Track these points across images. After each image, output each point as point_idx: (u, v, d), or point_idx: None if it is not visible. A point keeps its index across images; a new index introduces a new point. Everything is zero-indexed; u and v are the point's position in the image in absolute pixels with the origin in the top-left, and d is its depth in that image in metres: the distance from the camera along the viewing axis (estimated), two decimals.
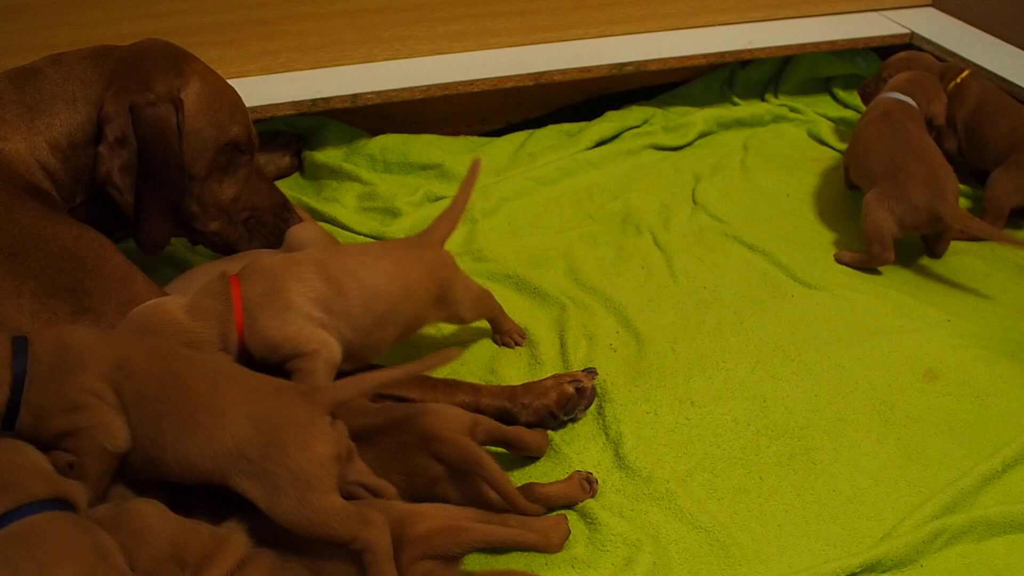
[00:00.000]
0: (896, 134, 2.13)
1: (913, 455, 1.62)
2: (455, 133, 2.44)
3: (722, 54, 2.53)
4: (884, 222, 2.03)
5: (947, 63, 2.38)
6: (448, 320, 1.71)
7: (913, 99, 2.22)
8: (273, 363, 1.44)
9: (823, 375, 1.77)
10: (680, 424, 1.65)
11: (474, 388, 1.63)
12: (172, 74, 1.64)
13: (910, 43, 2.72)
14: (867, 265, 2.08)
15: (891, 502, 1.53)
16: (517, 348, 1.81)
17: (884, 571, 1.41)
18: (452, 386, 1.62)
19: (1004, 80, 2.46)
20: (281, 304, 1.45)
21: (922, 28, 2.72)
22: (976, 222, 2.02)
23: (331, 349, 1.46)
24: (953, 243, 2.14)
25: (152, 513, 1.22)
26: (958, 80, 2.30)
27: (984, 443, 1.64)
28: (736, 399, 1.71)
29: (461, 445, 1.38)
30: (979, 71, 2.51)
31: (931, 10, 2.85)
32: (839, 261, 2.10)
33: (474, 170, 1.71)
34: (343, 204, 2.16)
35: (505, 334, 1.81)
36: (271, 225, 1.79)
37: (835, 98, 2.75)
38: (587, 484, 1.49)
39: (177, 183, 1.64)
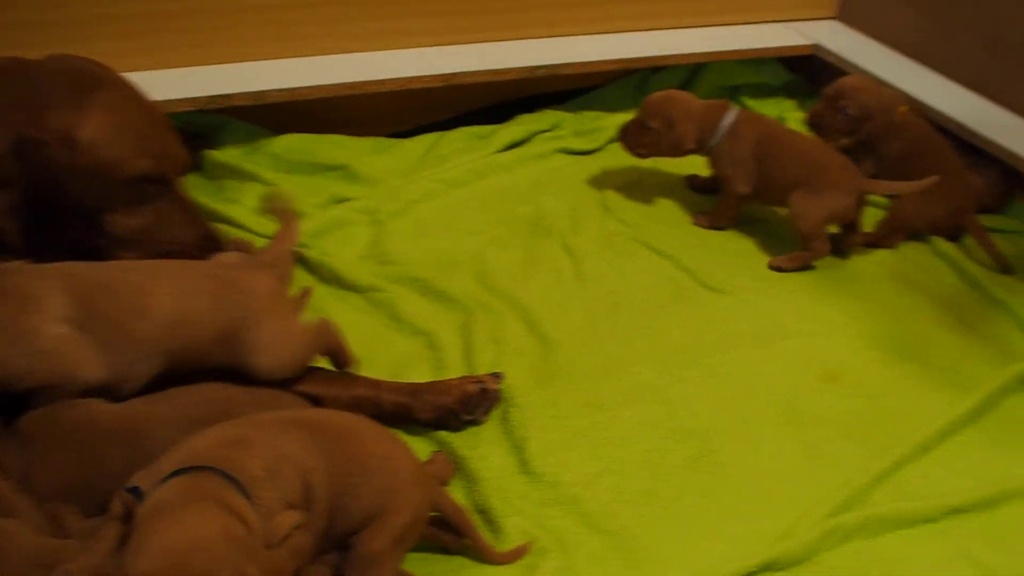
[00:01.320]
0: (795, 136, 2.20)
1: (813, 455, 1.65)
2: (364, 134, 2.41)
3: (633, 60, 2.56)
4: (818, 217, 2.10)
5: (890, 93, 2.40)
6: (241, 368, 1.48)
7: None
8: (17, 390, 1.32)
9: (728, 378, 1.79)
10: (586, 428, 1.66)
11: (374, 383, 1.61)
12: (70, 107, 1.48)
13: (813, 55, 2.78)
14: (807, 263, 2.13)
15: (791, 501, 1.56)
16: (423, 353, 1.79)
17: (781, 569, 1.44)
18: (351, 380, 1.60)
19: (905, 94, 2.52)
20: (21, 326, 1.31)
21: (826, 40, 2.77)
22: (889, 185, 2.16)
23: (79, 372, 1.34)
24: (853, 254, 2.21)
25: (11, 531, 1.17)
26: (902, 110, 2.34)
27: (878, 442, 1.68)
28: (643, 402, 1.72)
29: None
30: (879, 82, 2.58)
31: (835, 23, 2.92)
32: (779, 269, 2.13)
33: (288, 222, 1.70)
34: (243, 205, 2.12)
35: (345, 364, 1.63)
36: (194, 258, 1.67)
37: (744, 106, 2.78)
38: None
39: (73, 223, 1.52)
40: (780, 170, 2.15)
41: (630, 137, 2.23)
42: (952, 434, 1.72)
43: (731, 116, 2.18)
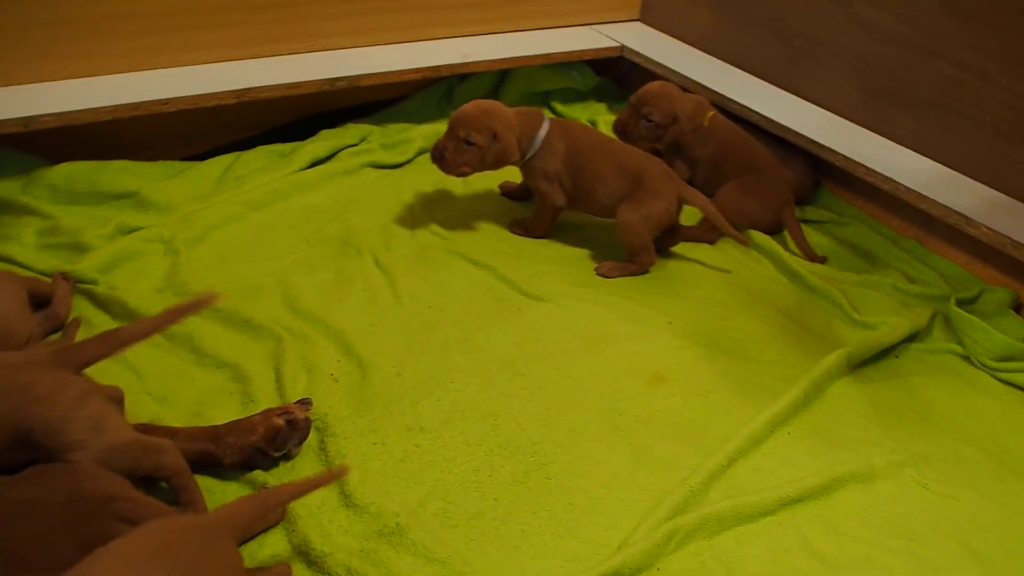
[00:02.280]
0: (612, 145, 2.16)
1: (644, 459, 1.60)
2: (154, 158, 2.25)
3: (437, 68, 2.48)
4: (646, 229, 2.07)
5: (696, 99, 2.40)
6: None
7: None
8: None
9: (553, 387, 1.73)
10: (409, 452, 1.56)
11: (170, 431, 1.47)
12: None
13: (621, 56, 2.78)
14: (635, 274, 2.10)
15: (626, 509, 1.51)
16: (228, 387, 1.65)
17: None
18: (145, 430, 1.45)
19: (708, 89, 2.55)
20: None
21: (631, 42, 2.79)
22: (706, 203, 2.12)
23: None
24: (670, 253, 2.20)
25: None
26: (710, 115, 2.34)
27: (709, 440, 1.65)
28: (467, 420, 1.64)
29: (145, 501, 1.23)
30: (685, 82, 2.60)
31: (639, 24, 2.94)
32: (606, 276, 2.09)
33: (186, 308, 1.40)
34: (20, 242, 1.93)
35: (186, 506, 1.39)
36: None
37: (554, 111, 2.76)
38: None
39: None
40: (600, 184, 2.10)
41: (449, 155, 2.07)
42: (780, 425, 1.71)
43: (544, 128, 2.12)
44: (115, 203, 2.07)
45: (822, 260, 2.24)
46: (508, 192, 2.34)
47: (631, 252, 2.09)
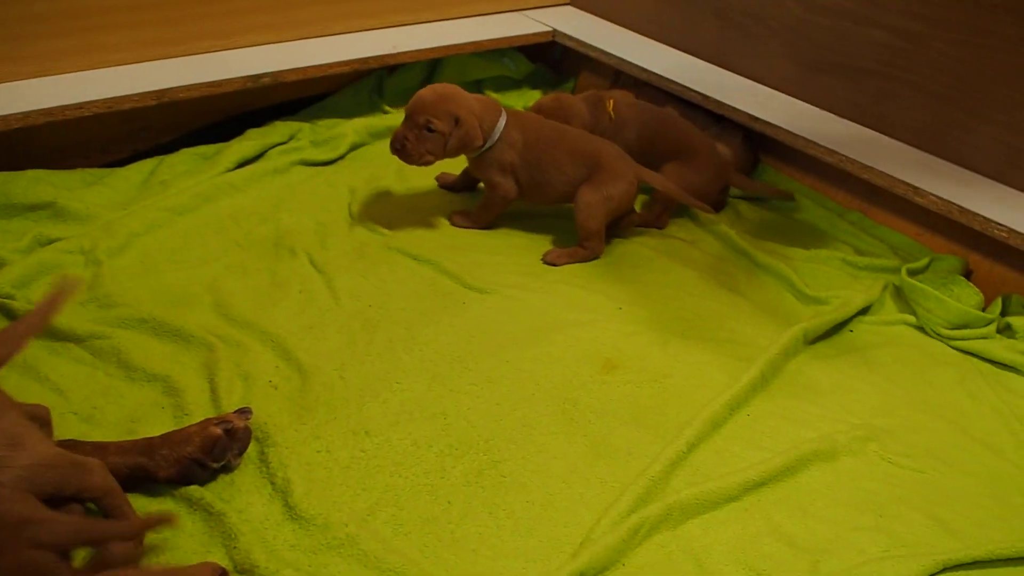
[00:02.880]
0: (565, 132, 2.10)
1: (602, 450, 1.55)
2: (72, 167, 2.14)
3: (366, 60, 2.40)
4: (604, 213, 2.03)
5: (590, 94, 2.34)
6: None
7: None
8: None
9: (503, 381, 1.66)
10: (356, 458, 1.49)
11: (99, 446, 1.38)
12: None
13: (553, 40, 2.72)
14: (583, 260, 2.05)
15: (586, 503, 1.45)
16: (160, 400, 1.56)
17: None
18: (72, 447, 1.35)
19: (644, 69, 2.50)
20: None
21: (563, 25, 2.73)
22: (662, 180, 2.10)
23: None
24: (616, 237, 2.15)
25: None
26: (611, 103, 2.28)
27: (668, 426, 1.60)
28: (415, 421, 1.56)
29: (64, 522, 1.13)
30: (620, 64, 2.55)
31: (570, 8, 2.89)
32: (554, 263, 2.03)
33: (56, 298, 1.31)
34: None
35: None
36: None
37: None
38: None
39: None
40: (559, 172, 2.05)
41: (411, 145, 1.99)
42: (740, 407, 1.66)
43: (503, 119, 2.05)
44: (31, 215, 1.96)
45: (789, 196, 2.26)
46: (446, 184, 2.27)
47: (585, 236, 2.04)
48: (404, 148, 1.99)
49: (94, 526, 1.19)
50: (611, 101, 2.27)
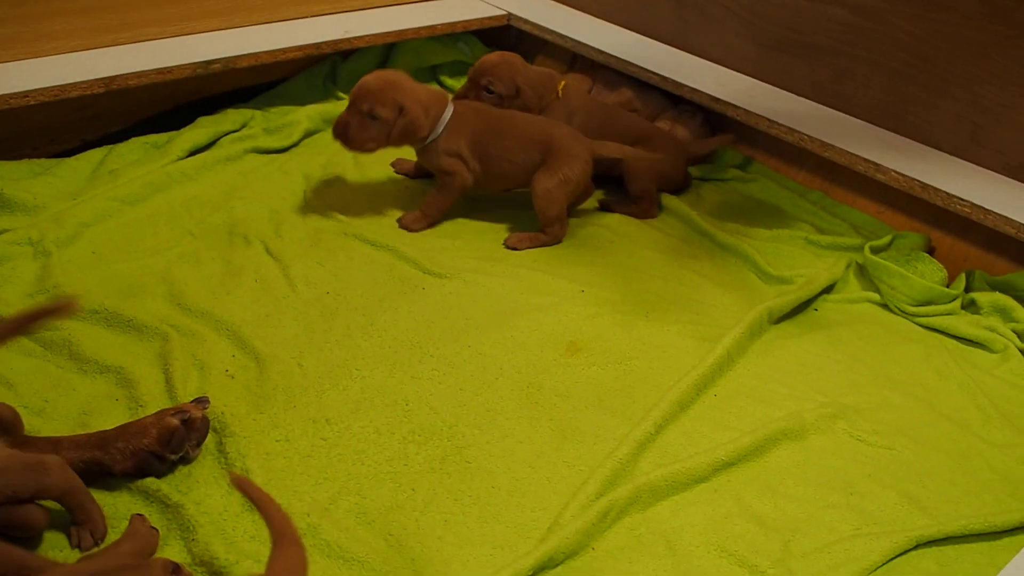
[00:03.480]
0: (515, 118, 2.06)
1: (568, 433, 1.52)
2: (19, 157, 2.08)
3: (319, 45, 2.35)
4: (563, 196, 2.00)
5: (542, 70, 2.28)
6: None
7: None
8: None
9: (465, 366, 1.63)
10: (316, 447, 1.45)
11: (52, 441, 1.33)
12: None
13: (508, 24, 2.69)
14: (547, 244, 2.02)
15: (553, 487, 1.42)
16: (113, 392, 1.51)
17: (557, 564, 1.30)
18: (24, 443, 1.31)
19: (601, 52, 2.48)
20: None
21: (518, 9, 2.70)
22: (618, 148, 2.06)
23: None
24: (578, 218, 2.12)
25: None
26: (562, 84, 2.23)
27: (634, 409, 1.58)
28: (376, 408, 1.53)
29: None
30: (577, 47, 2.52)
31: None
32: (516, 248, 2.00)
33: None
34: None
35: (82, 525, 1.27)
36: None
37: (443, 85, 2.65)
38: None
39: None
40: (510, 162, 2.01)
41: (353, 130, 1.93)
42: (706, 387, 1.65)
43: (449, 110, 2.00)
44: None
45: (731, 140, 2.34)
46: (403, 171, 2.23)
47: (547, 222, 2.01)
48: (346, 134, 1.94)
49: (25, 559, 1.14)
50: (563, 82, 2.24)
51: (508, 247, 2.00)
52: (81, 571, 1.12)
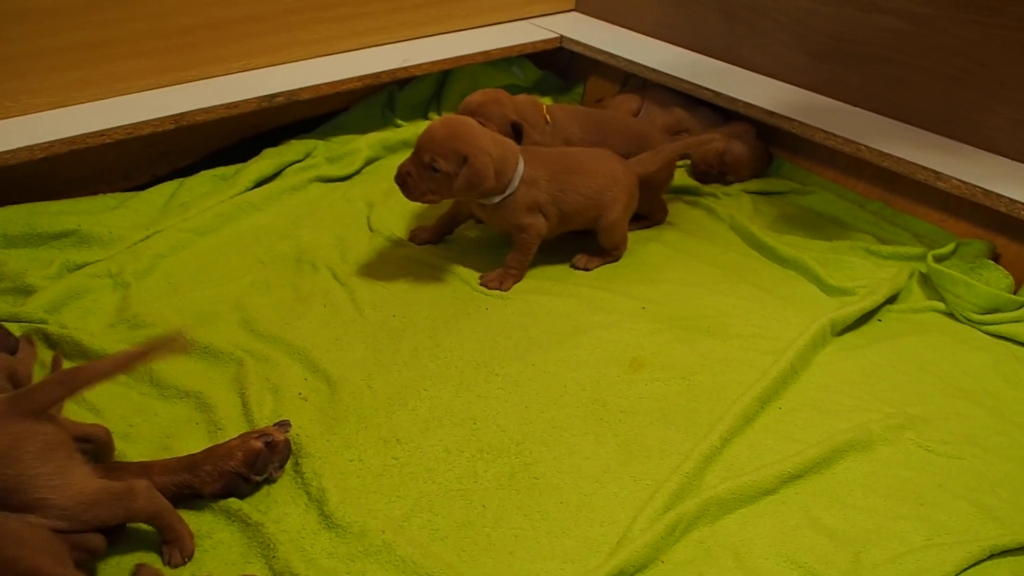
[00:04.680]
0: (579, 154, 2.04)
1: (633, 448, 1.54)
2: (94, 193, 2.15)
3: (377, 74, 2.41)
4: (626, 221, 2.05)
5: (522, 98, 2.20)
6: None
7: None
8: None
9: (530, 384, 1.66)
10: (388, 466, 1.48)
11: (143, 466, 1.38)
12: None
13: (560, 47, 2.72)
14: (613, 261, 2.06)
15: (620, 502, 1.44)
16: (193, 417, 1.56)
17: None
18: (117, 468, 1.36)
19: (653, 70, 2.50)
20: None
21: (569, 31, 2.73)
22: (661, 151, 2.08)
23: None
24: (637, 233, 2.15)
25: None
26: (544, 110, 2.17)
27: (699, 423, 1.59)
28: (444, 427, 1.56)
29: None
30: (629, 66, 2.55)
31: (575, 14, 2.89)
32: (587, 268, 2.02)
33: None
34: None
35: (172, 543, 1.32)
36: None
37: None
38: None
39: None
40: (583, 197, 1.96)
41: (413, 181, 1.85)
42: (771, 400, 1.65)
43: (521, 162, 1.91)
44: (56, 242, 1.96)
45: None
46: (423, 241, 2.09)
47: (614, 246, 2.04)
48: (406, 184, 1.85)
49: None
50: (544, 107, 2.18)
51: (579, 268, 2.02)
52: None
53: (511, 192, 1.90)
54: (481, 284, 1.93)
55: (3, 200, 2.02)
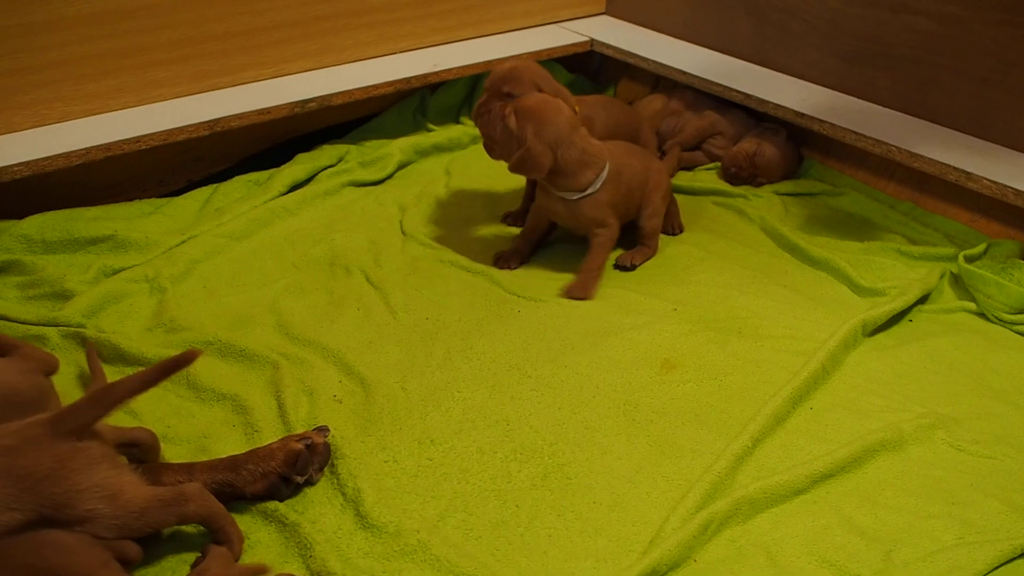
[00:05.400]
0: (629, 149, 2.08)
1: (666, 449, 1.55)
2: (130, 199, 2.19)
3: (408, 80, 2.43)
4: (663, 211, 2.09)
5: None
6: None
7: None
8: None
9: (562, 386, 1.67)
10: (423, 467, 1.50)
11: (186, 467, 1.41)
12: None
13: (591, 50, 2.74)
14: (653, 256, 2.08)
15: (653, 502, 1.45)
16: (230, 419, 1.59)
17: None
18: (160, 469, 1.39)
19: (683, 72, 2.51)
20: None
21: (600, 35, 2.75)
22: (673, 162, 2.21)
23: None
24: (667, 236, 2.17)
25: None
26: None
27: (730, 423, 1.60)
28: (478, 428, 1.58)
29: None
30: (659, 69, 2.56)
31: (605, 17, 2.90)
32: (634, 266, 2.04)
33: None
34: (2, 296, 1.87)
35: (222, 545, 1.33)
36: None
37: None
38: None
39: None
40: (638, 188, 2.03)
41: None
42: (802, 401, 1.66)
43: (606, 167, 1.94)
44: (93, 248, 2.00)
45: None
46: (510, 264, 2.05)
47: (652, 234, 2.06)
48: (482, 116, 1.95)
49: None
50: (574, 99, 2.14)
51: (624, 268, 2.02)
52: None
53: (594, 190, 1.94)
54: (565, 296, 1.93)
55: (41, 206, 2.06)
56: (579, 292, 1.92)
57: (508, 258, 2.04)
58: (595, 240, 1.97)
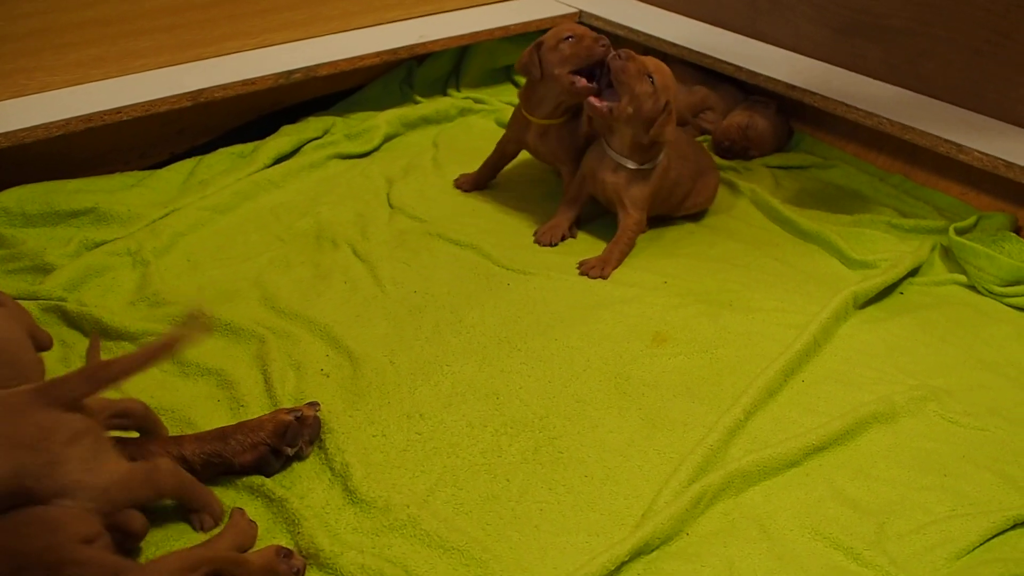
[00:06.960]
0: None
1: (657, 422, 1.54)
2: (111, 171, 2.16)
3: (395, 51, 2.40)
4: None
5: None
6: None
7: None
8: None
9: (553, 359, 1.66)
10: (412, 441, 1.48)
11: (175, 440, 1.39)
12: None
13: (580, 21, 2.70)
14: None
15: (645, 475, 1.44)
16: (215, 394, 1.57)
17: (653, 550, 1.32)
18: (147, 443, 1.37)
19: (674, 44, 2.49)
20: None
21: (589, 6, 2.72)
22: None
23: None
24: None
25: None
26: None
27: (722, 396, 1.59)
28: (467, 402, 1.56)
29: (99, 560, 1.14)
30: (650, 40, 2.54)
31: None
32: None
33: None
34: None
35: (200, 511, 1.34)
36: None
37: (517, 85, 2.69)
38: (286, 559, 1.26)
39: None
40: (687, 178, 2.05)
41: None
42: (794, 373, 1.65)
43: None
44: (74, 220, 1.97)
45: None
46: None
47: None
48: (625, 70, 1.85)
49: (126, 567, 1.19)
50: None
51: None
52: (194, 555, 1.18)
53: (652, 166, 1.94)
54: (581, 273, 1.90)
55: (20, 178, 2.02)
56: (597, 271, 1.90)
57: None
58: (622, 227, 1.95)
